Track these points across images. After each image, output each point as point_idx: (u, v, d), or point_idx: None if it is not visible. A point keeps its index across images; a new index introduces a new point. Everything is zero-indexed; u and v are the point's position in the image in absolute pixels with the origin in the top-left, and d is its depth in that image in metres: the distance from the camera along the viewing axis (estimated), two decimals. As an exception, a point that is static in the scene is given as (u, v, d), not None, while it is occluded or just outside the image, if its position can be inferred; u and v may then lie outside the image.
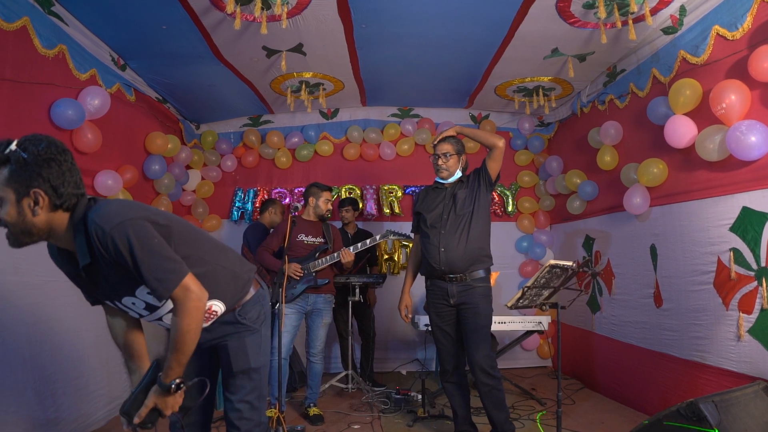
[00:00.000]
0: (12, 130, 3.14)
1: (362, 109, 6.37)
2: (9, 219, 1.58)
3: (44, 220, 1.61)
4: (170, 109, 5.58)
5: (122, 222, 1.60)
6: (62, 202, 1.61)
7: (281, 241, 4.21)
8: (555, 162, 5.94)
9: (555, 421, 3.26)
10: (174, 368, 1.68)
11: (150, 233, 1.65)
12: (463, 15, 3.92)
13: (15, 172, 1.54)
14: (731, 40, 3.28)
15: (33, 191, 1.56)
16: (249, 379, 2.04)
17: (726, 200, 3.38)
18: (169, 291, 1.63)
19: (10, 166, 1.55)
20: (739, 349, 3.26)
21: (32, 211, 1.58)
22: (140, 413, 1.69)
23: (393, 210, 6.28)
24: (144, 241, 1.61)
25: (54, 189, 1.59)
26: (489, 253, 3.52)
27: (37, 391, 3.23)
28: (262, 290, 2.15)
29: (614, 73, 4.71)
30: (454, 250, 3.39)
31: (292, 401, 4.75)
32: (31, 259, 3.27)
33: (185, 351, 1.69)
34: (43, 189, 1.57)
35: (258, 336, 2.07)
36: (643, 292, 4.30)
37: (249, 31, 4.03)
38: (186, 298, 1.66)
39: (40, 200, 1.58)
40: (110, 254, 1.60)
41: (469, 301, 3.38)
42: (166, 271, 1.63)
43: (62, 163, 1.61)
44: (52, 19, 3.54)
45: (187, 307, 1.66)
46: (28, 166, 1.54)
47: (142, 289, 1.75)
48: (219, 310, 1.96)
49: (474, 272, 3.41)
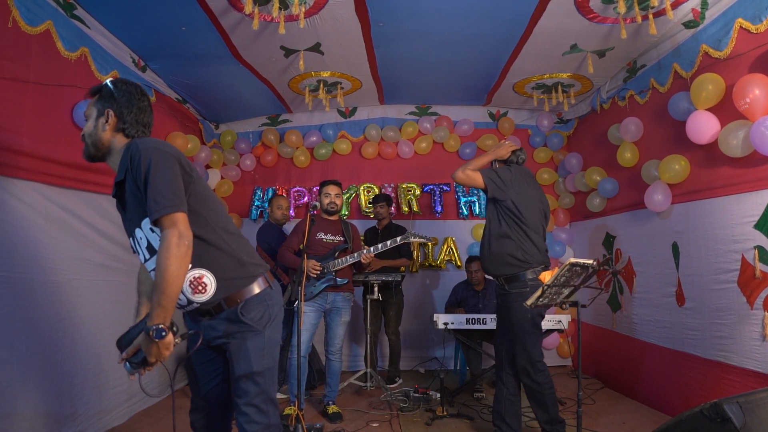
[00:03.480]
0: (35, 131, 3.21)
1: (380, 108, 6.38)
2: (87, 130, 2.01)
3: (108, 137, 1.99)
4: (190, 110, 5.64)
5: (154, 147, 1.87)
6: (125, 126, 1.99)
7: (301, 239, 4.23)
8: (574, 159, 5.89)
9: (575, 420, 3.23)
10: (156, 310, 1.73)
11: (171, 165, 1.86)
12: (480, 11, 3.90)
13: (102, 98, 2.01)
14: (755, 33, 3.21)
15: (106, 110, 1.98)
16: (254, 383, 2.01)
17: (750, 197, 3.31)
18: (159, 213, 1.76)
19: (101, 93, 2.02)
20: (764, 349, 3.20)
21: (102, 126, 1.98)
22: (128, 351, 1.82)
23: (411, 208, 6.28)
24: (162, 167, 1.82)
25: (122, 114, 1.99)
26: (519, 256, 3.36)
27: (56, 387, 3.29)
28: (270, 290, 2.10)
29: (634, 69, 4.64)
30: (483, 254, 3.55)
31: (311, 399, 4.78)
32: (55, 258, 3.35)
33: (167, 292, 1.74)
34: (114, 111, 1.98)
35: (261, 338, 2.03)
36: (665, 290, 4.24)
37: (267, 31, 4.05)
38: (171, 230, 1.77)
39: (110, 119, 1.98)
40: (133, 169, 1.83)
41: (500, 303, 3.49)
42: (165, 197, 1.79)
43: (136, 100, 2.03)
44: (74, 22, 3.61)
45: (167, 242, 1.75)
46: (112, 94, 2.00)
47: (147, 221, 1.87)
48: (209, 285, 1.96)
49: (504, 275, 3.42)
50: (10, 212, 3.03)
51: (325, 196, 4.35)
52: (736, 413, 2.33)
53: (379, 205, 5.56)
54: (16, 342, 3.00)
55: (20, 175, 3.09)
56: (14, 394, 2.95)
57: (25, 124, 3.13)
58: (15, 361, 2.98)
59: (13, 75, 3.06)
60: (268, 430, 2.04)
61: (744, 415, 2.35)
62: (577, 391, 3.20)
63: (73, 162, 3.42)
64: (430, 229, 6.09)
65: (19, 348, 3.01)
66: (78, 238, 3.59)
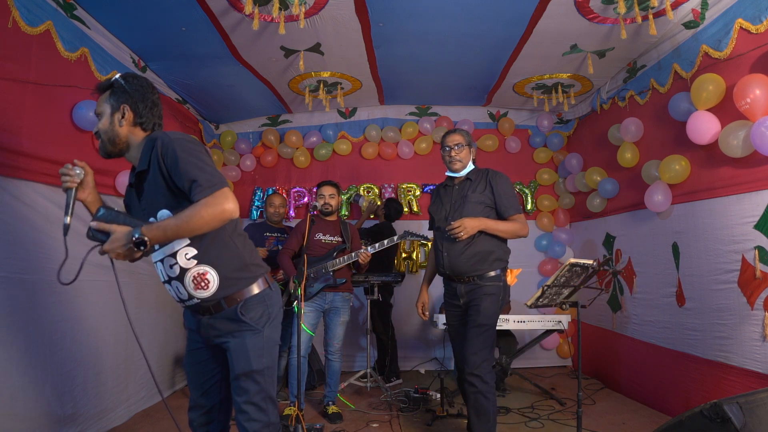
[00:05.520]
0: (35, 132, 3.21)
1: (380, 108, 6.38)
2: (102, 127, 2.02)
3: (125, 132, 2.02)
4: (190, 110, 5.64)
5: (187, 138, 1.95)
6: (142, 121, 2.04)
7: (300, 240, 4.23)
8: (574, 159, 5.89)
9: (575, 421, 3.22)
10: (159, 229, 1.79)
11: (206, 153, 1.96)
12: (480, 12, 3.89)
13: (114, 93, 2.02)
14: (755, 34, 3.21)
15: (122, 106, 2.00)
16: (253, 382, 2.02)
17: (750, 197, 3.31)
18: (213, 188, 1.82)
19: (112, 89, 2.03)
20: (764, 349, 3.19)
21: (119, 122, 2.00)
22: (102, 225, 1.83)
23: (411, 208, 6.28)
24: (201, 153, 1.91)
25: (138, 108, 2.02)
26: (501, 256, 3.27)
27: (57, 387, 3.29)
28: (269, 291, 2.13)
29: (634, 69, 4.64)
30: (457, 255, 3.22)
31: (311, 399, 4.78)
32: (55, 258, 3.34)
33: (180, 227, 1.79)
34: (130, 106, 2.01)
35: (260, 337, 2.05)
36: (666, 291, 4.23)
37: (267, 31, 4.05)
38: (221, 197, 1.82)
39: (126, 114, 2.01)
40: (168, 159, 1.87)
41: (474, 299, 3.21)
42: (214, 176, 1.86)
43: (149, 94, 2.07)
44: (74, 22, 3.61)
45: (217, 202, 1.81)
46: (124, 90, 2.02)
47: (163, 212, 1.93)
48: (212, 282, 1.99)
49: (482, 273, 3.21)
50: (10, 212, 3.03)
51: (319, 197, 4.35)
52: (736, 414, 2.33)
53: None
54: (16, 342, 2.99)
55: (20, 175, 3.08)
56: (14, 394, 2.94)
57: (25, 125, 3.13)
58: (15, 361, 2.97)
59: (13, 75, 3.06)
60: (267, 428, 2.05)
61: (744, 416, 2.35)
62: (577, 391, 3.20)
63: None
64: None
65: (19, 348, 3.00)
66: (78, 238, 3.56)
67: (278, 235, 4.99)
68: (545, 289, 3.12)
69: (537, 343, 5.32)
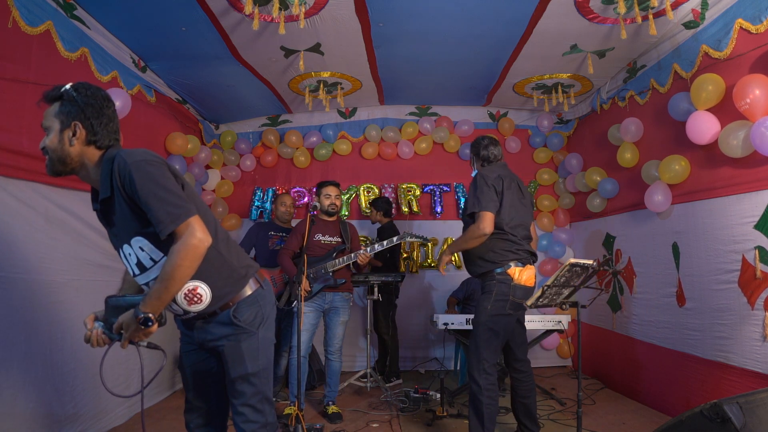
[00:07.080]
0: (35, 132, 3.20)
1: (380, 108, 6.38)
2: (50, 145, 1.81)
3: (78, 151, 1.82)
4: (190, 110, 5.64)
5: (144, 159, 1.76)
6: (96, 139, 1.83)
7: (300, 240, 4.23)
8: (574, 159, 5.89)
9: (575, 421, 3.22)
10: (154, 299, 1.72)
11: (167, 174, 1.78)
12: (480, 12, 3.90)
13: (64, 107, 1.81)
14: (755, 34, 3.21)
15: (73, 123, 1.79)
16: (249, 384, 2.01)
17: (750, 197, 3.31)
18: (175, 224, 1.71)
19: (62, 101, 1.82)
20: (764, 349, 3.19)
21: (69, 141, 1.80)
22: (110, 322, 1.82)
23: (411, 208, 6.27)
24: (160, 177, 1.75)
25: (91, 126, 1.81)
26: (481, 254, 3.35)
27: (57, 387, 3.29)
28: (261, 290, 2.08)
29: (634, 69, 4.64)
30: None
31: (311, 399, 4.78)
32: (54, 258, 3.35)
33: (170, 288, 1.73)
34: (82, 123, 1.80)
35: (255, 339, 2.02)
36: (666, 291, 4.23)
37: (267, 31, 4.05)
38: (190, 234, 1.72)
39: (78, 132, 1.80)
40: (126, 186, 1.73)
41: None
42: (176, 206, 1.73)
43: (103, 108, 1.85)
44: (74, 22, 3.61)
45: (187, 243, 1.71)
46: (75, 103, 1.80)
47: (137, 240, 1.83)
48: (204, 295, 1.93)
49: (476, 272, 3.43)
50: (10, 212, 3.03)
51: (325, 197, 4.34)
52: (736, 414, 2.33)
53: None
54: (16, 342, 3.00)
55: (20, 175, 3.08)
56: (14, 394, 2.94)
57: (25, 125, 3.13)
58: (15, 361, 2.97)
59: (13, 75, 3.06)
60: (264, 429, 2.04)
61: (744, 416, 2.34)
62: (577, 391, 3.20)
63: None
64: (431, 230, 6.10)
65: (19, 348, 3.01)
66: (78, 239, 3.59)
67: (282, 235, 5.00)
68: (545, 289, 3.12)
69: (537, 343, 5.33)
